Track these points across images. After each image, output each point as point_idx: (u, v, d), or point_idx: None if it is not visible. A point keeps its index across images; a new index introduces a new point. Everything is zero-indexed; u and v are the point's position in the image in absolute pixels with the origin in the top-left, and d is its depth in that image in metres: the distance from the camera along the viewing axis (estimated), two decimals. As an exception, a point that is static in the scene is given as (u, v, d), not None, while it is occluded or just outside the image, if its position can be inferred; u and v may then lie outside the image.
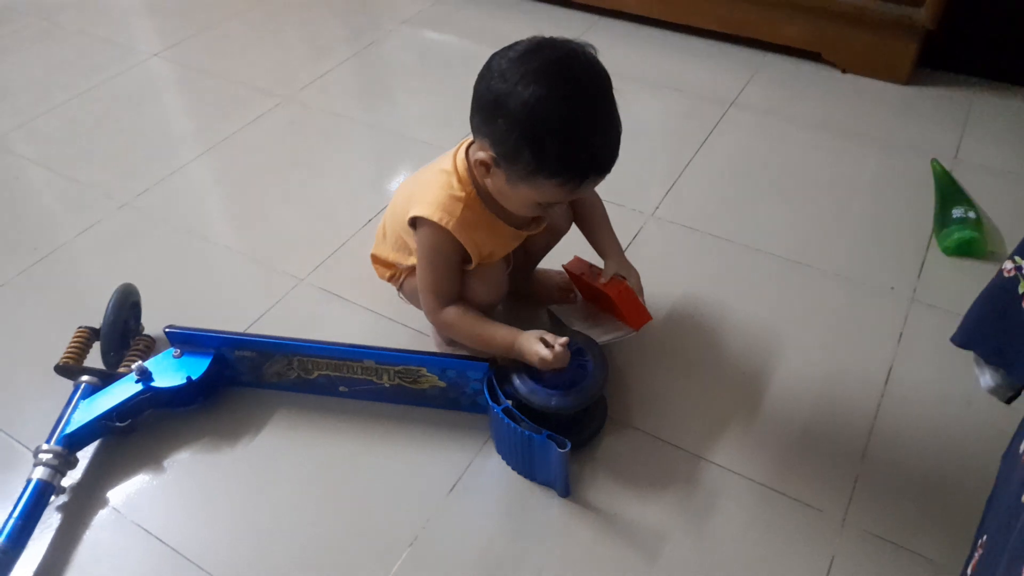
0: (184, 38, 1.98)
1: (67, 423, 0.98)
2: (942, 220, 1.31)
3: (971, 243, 1.26)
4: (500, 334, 0.97)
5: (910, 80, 1.71)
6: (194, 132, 1.67)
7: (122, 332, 1.10)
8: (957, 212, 1.30)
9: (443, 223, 0.94)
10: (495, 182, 0.92)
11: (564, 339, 0.93)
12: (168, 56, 1.91)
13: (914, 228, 1.35)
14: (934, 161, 1.46)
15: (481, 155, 0.89)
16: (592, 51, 0.86)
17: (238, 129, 1.64)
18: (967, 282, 1.13)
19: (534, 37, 0.87)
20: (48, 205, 1.48)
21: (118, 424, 1.01)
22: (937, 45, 1.70)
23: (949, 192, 1.37)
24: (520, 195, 0.90)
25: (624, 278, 1.05)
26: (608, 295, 1.04)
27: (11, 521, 0.89)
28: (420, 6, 2.08)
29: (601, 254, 1.09)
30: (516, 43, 0.87)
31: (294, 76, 1.81)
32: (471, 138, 0.94)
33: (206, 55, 1.91)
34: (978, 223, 1.29)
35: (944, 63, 1.74)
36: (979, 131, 1.58)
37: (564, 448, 0.89)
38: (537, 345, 0.93)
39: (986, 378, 1.03)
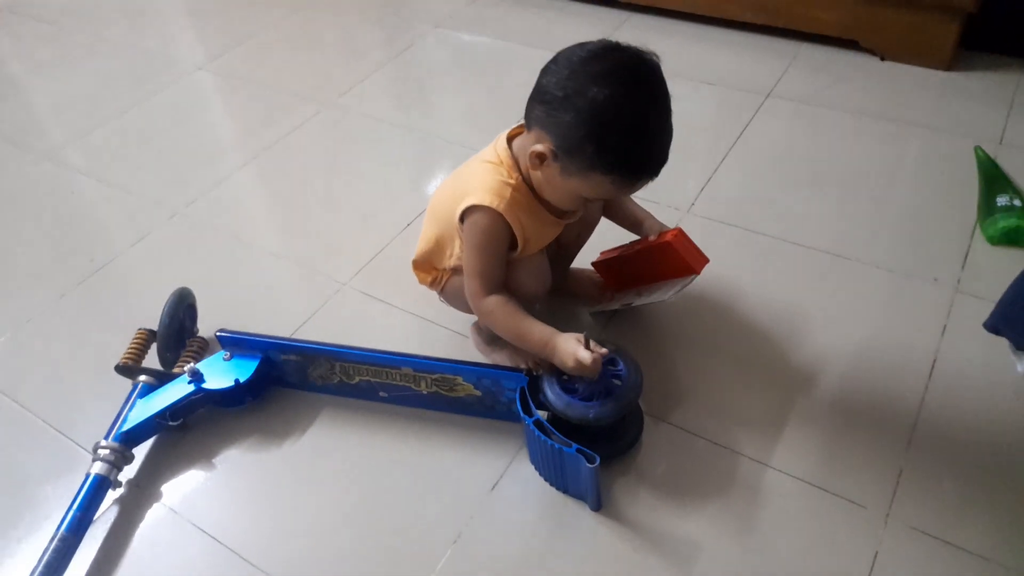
0: (226, 50, 2.04)
1: (124, 421, 1.03)
2: (987, 208, 1.29)
3: (1017, 231, 1.23)
4: (537, 330, 0.97)
5: (952, 64, 1.67)
6: (239, 141, 1.72)
7: (178, 333, 1.15)
8: (1002, 200, 1.27)
9: (495, 206, 0.95)
10: (546, 173, 0.93)
11: (604, 350, 0.93)
12: (212, 68, 1.97)
13: (958, 217, 1.32)
14: (977, 148, 1.43)
15: (539, 147, 0.90)
16: (656, 58, 0.89)
17: (281, 137, 1.69)
18: (1013, 271, 1.10)
19: (603, 40, 0.90)
20: (103, 216, 1.55)
21: (171, 423, 1.05)
22: (979, 27, 1.66)
23: (994, 179, 1.34)
24: (569, 188, 0.92)
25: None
26: (666, 243, 1.02)
27: (71, 512, 0.95)
28: (454, 8, 2.10)
29: (635, 222, 1.11)
30: (585, 43, 0.89)
31: (333, 83, 1.85)
32: (508, 130, 0.97)
33: (248, 65, 1.97)
34: (1024, 211, 1.26)
35: (987, 45, 1.70)
36: (1026, 115, 1.54)
37: (594, 463, 0.88)
38: (576, 346, 0.92)
39: (1023, 364, 1.02)
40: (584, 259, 1.21)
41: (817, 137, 1.55)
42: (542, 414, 0.96)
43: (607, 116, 0.85)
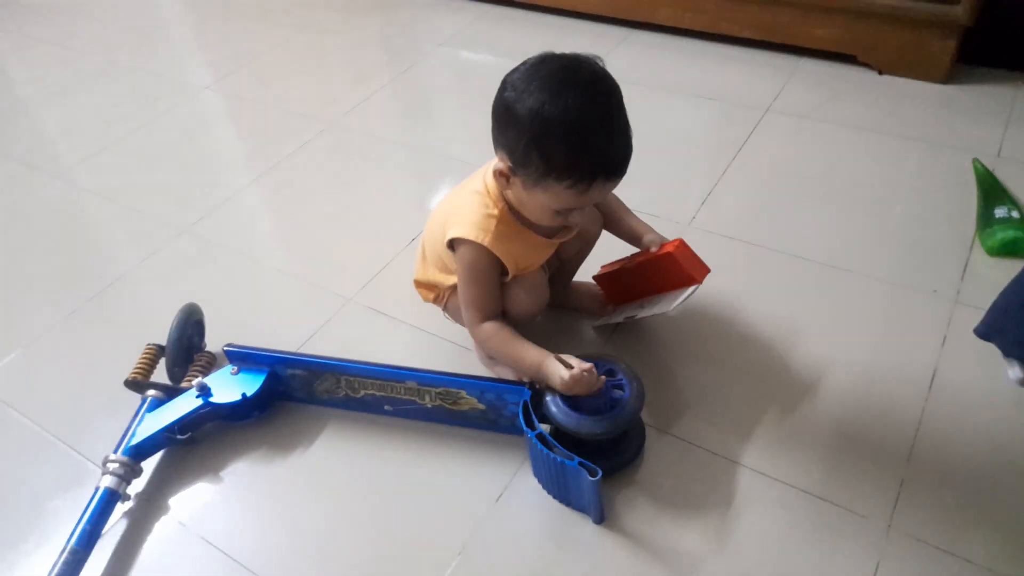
0: (232, 70, 2.07)
1: (133, 434, 1.05)
2: (985, 220, 1.30)
3: (1015, 243, 1.24)
4: (530, 354, 0.99)
5: (949, 78, 1.69)
6: (245, 160, 1.75)
7: (186, 348, 1.17)
8: (1000, 211, 1.28)
9: (479, 240, 0.97)
10: (515, 192, 0.95)
11: (588, 364, 0.94)
12: (218, 88, 2.00)
13: (957, 229, 1.33)
14: (975, 160, 1.44)
15: (500, 166, 0.93)
16: (599, 61, 0.90)
17: (286, 156, 1.71)
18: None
19: (542, 52, 0.92)
20: (111, 235, 1.57)
21: (179, 437, 1.07)
22: (976, 41, 1.68)
23: (992, 191, 1.35)
24: (537, 202, 0.94)
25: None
26: (667, 254, 1.03)
27: (81, 524, 0.96)
28: (457, 27, 2.14)
29: (635, 235, 1.11)
30: (526, 59, 0.92)
31: (337, 102, 1.88)
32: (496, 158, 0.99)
33: (254, 85, 2.00)
34: (1022, 222, 1.26)
35: (985, 59, 1.71)
36: (1023, 127, 1.55)
37: (595, 476, 0.89)
38: (558, 366, 0.94)
39: (1015, 370, 1.03)
40: (586, 274, 1.22)
41: (816, 151, 1.56)
42: (545, 427, 0.97)
43: (542, 120, 0.86)
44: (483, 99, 0.97)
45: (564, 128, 0.86)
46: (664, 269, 1.06)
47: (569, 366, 0.94)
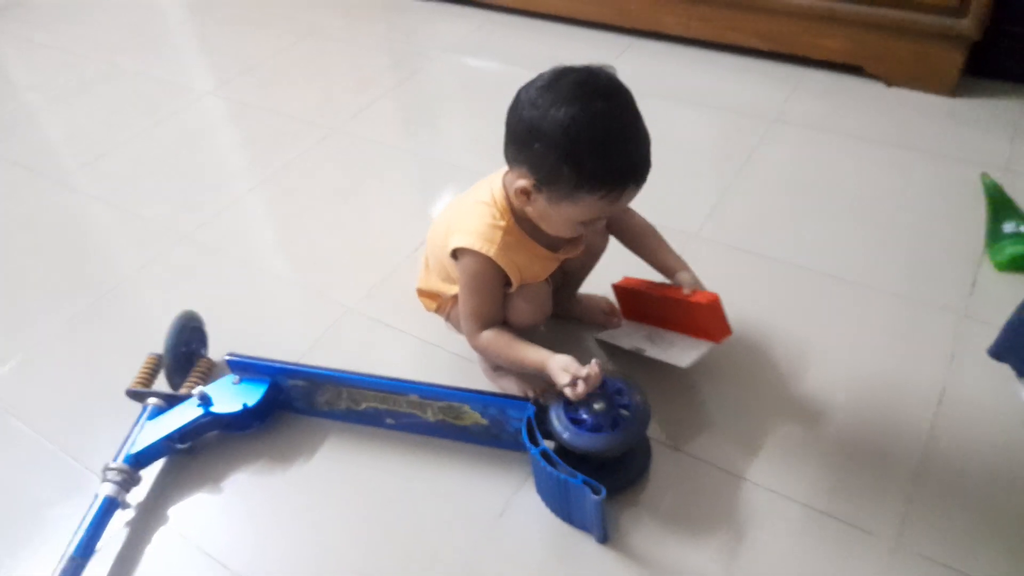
0: (235, 76, 2.06)
1: (133, 443, 1.04)
2: (994, 235, 1.29)
3: (1024, 258, 1.24)
4: (532, 355, 0.99)
5: (957, 91, 1.68)
6: (247, 166, 1.74)
7: (184, 356, 1.16)
8: (1009, 226, 1.27)
9: (484, 251, 0.97)
10: (536, 207, 0.94)
11: (595, 372, 0.93)
12: (221, 93, 2.00)
13: (965, 244, 1.32)
14: (984, 175, 1.43)
15: (521, 183, 0.92)
16: (611, 70, 0.90)
17: (288, 161, 1.70)
18: (1020, 298, 1.10)
19: (555, 67, 0.91)
20: (112, 240, 1.56)
21: (179, 446, 1.06)
22: (985, 53, 1.67)
23: (1000, 206, 1.34)
24: (562, 215, 0.93)
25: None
26: (696, 304, 1.03)
27: (80, 533, 0.95)
28: (461, 33, 2.13)
29: (670, 270, 1.10)
30: (539, 75, 0.91)
31: (340, 107, 1.87)
32: (504, 168, 0.98)
33: (257, 91, 1.99)
34: (1031, 237, 1.26)
35: (993, 72, 1.71)
36: (1032, 141, 1.54)
37: (599, 495, 0.88)
38: (568, 361, 0.94)
39: (1025, 390, 1.02)
40: (595, 285, 1.21)
41: (823, 162, 1.56)
42: (548, 444, 0.96)
43: (572, 134, 0.86)
44: (487, 106, 0.97)
45: (595, 139, 0.86)
46: (687, 315, 1.06)
47: (571, 373, 0.93)
